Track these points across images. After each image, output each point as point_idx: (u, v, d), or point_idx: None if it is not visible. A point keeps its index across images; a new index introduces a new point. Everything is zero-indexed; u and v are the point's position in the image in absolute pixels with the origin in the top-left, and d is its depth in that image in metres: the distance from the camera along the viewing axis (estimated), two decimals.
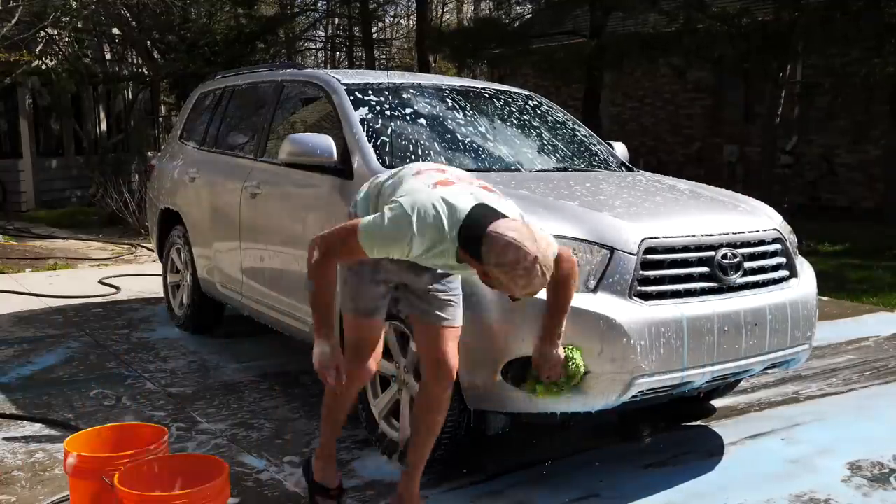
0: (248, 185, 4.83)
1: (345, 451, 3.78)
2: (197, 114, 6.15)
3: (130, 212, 11.19)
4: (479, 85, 5.10)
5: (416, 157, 4.06)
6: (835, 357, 5.45)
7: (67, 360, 5.23)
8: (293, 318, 4.40)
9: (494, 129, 4.61)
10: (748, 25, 11.77)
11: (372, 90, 4.42)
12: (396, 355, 3.61)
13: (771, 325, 3.46)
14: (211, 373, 5.00)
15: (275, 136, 4.87)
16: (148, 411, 4.29)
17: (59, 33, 13.17)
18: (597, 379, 3.11)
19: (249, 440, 3.93)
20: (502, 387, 3.15)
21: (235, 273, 5.03)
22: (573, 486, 3.46)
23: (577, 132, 4.98)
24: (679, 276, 3.32)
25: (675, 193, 4.01)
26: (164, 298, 6.31)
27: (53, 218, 12.98)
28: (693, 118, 16.31)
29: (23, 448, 3.79)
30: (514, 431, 3.57)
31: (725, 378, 3.59)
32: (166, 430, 3.01)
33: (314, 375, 2.94)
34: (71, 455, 2.78)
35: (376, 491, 3.39)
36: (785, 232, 3.77)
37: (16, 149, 14.79)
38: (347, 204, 3.89)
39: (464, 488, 3.42)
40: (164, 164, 6.35)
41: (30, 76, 13.49)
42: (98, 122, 16.27)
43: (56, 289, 7.39)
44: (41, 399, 4.46)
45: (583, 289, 3.15)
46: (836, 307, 6.62)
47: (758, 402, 4.55)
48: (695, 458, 3.78)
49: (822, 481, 3.52)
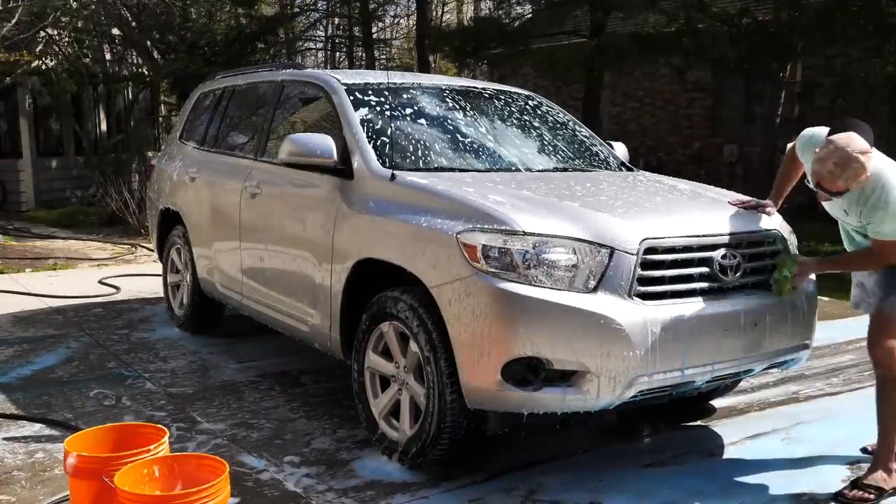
0: (248, 186, 4.83)
1: (345, 451, 3.78)
2: (197, 114, 6.15)
3: (130, 212, 11.19)
4: (480, 85, 5.10)
5: (416, 158, 4.07)
6: (835, 357, 5.45)
7: (67, 360, 5.23)
8: (293, 318, 4.40)
9: (495, 129, 4.62)
10: (748, 25, 11.76)
11: (372, 90, 4.42)
12: (396, 355, 3.61)
13: (771, 325, 3.46)
14: (211, 373, 5.00)
15: (275, 136, 4.87)
16: (148, 411, 4.29)
17: (59, 33, 13.16)
18: (597, 379, 3.11)
19: (249, 440, 3.93)
20: (502, 387, 3.15)
21: (235, 273, 5.03)
22: (573, 485, 3.46)
23: (577, 132, 4.99)
24: (679, 276, 3.32)
25: (675, 194, 4.01)
26: (164, 298, 6.32)
27: (53, 218, 12.98)
28: (693, 118, 16.30)
29: (23, 448, 3.79)
30: (514, 431, 3.57)
31: (725, 378, 3.60)
32: (166, 430, 3.01)
33: (314, 375, 2.94)
34: (71, 455, 2.78)
35: (376, 491, 3.39)
36: (785, 232, 3.77)
37: (16, 149, 14.78)
38: (348, 204, 3.91)
39: (464, 488, 3.42)
40: (163, 165, 6.35)
41: (30, 76, 13.48)
42: (98, 122, 16.26)
43: (56, 289, 7.39)
44: (41, 399, 4.46)
45: (582, 289, 3.15)
46: (836, 307, 6.62)
47: (758, 402, 4.55)
48: (695, 458, 3.78)
49: (822, 481, 3.52)
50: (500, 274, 3.15)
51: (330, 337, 4.05)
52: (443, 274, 3.29)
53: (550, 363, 3.11)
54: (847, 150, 3.17)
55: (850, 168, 3.18)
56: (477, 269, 3.18)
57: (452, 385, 3.28)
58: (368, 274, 3.79)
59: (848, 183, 3.22)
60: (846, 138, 3.22)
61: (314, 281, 4.10)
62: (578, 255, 3.17)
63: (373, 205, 3.79)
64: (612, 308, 3.12)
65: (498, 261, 3.17)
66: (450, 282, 3.25)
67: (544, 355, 3.10)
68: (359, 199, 3.89)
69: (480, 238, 3.21)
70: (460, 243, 3.24)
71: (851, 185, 3.23)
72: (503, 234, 3.20)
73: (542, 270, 3.14)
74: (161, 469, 2.81)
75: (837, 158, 3.18)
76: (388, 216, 3.66)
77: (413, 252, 3.47)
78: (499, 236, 3.19)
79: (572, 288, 3.15)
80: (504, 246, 3.17)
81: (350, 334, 3.89)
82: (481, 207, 3.34)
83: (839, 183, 3.23)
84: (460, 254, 3.23)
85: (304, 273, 4.20)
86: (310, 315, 4.20)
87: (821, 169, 3.24)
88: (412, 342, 3.47)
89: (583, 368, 3.11)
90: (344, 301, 3.90)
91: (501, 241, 3.18)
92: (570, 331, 3.09)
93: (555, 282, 3.14)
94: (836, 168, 3.19)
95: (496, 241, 3.18)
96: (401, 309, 3.49)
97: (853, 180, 3.21)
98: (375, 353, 3.73)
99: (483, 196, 3.47)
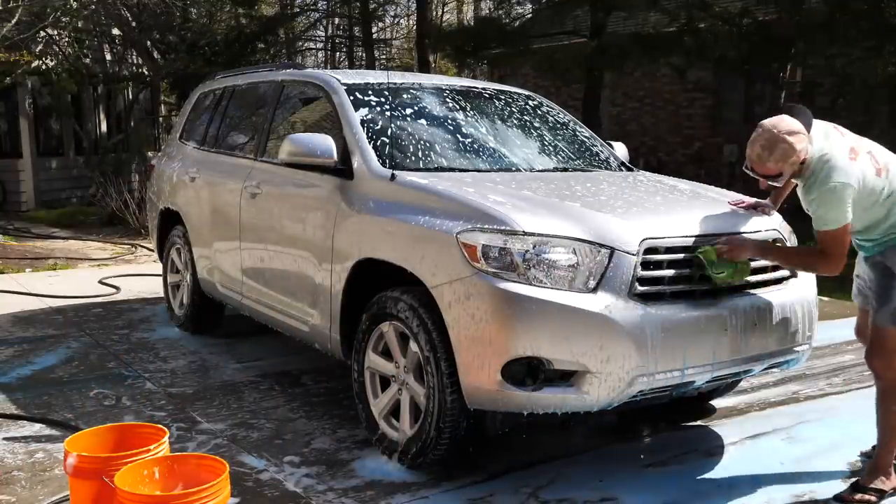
0: (248, 186, 4.83)
1: (345, 451, 3.78)
2: (197, 114, 6.15)
3: (130, 212, 11.19)
4: (480, 85, 5.10)
5: (416, 158, 4.07)
6: (835, 357, 5.45)
7: (67, 360, 5.23)
8: (293, 319, 4.40)
9: (495, 130, 4.62)
10: (749, 25, 11.76)
11: (372, 90, 4.42)
12: (396, 355, 3.61)
13: (771, 325, 3.46)
14: (211, 373, 4.99)
15: (275, 136, 4.87)
16: (148, 411, 4.29)
17: (59, 33, 13.16)
18: (597, 379, 3.11)
19: (249, 440, 3.93)
20: (502, 387, 3.15)
21: (235, 273, 5.02)
22: (573, 485, 3.46)
23: (577, 132, 4.98)
24: (679, 276, 3.32)
25: (675, 194, 4.01)
26: (164, 298, 6.32)
27: (53, 218, 12.98)
28: (693, 118, 16.30)
29: (23, 448, 3.79)
30: (514, 431, 3.57)
31: (725, 378, 3.59)
32: (166, 431, 3.01)
33: (314, 375, 2.94)
34: (71, 455, 2.78)
35: (376, 491, 3.39)
36: (785, 232, 3.77)
37: (16, 149, 14.79)
38: (348, 204, 3.91)
39: (464, 488, 3.42)
40: (163, 165, 6.35)
41: (30, 76, 13.49)
42: (98, 122, 16.26)
43: (56, 289, 7.39)
44: (41, 399, 4.46)
45: (583, 289, 3.15)
46: (836, 307, 6.62)
47: (758, 401, 4.55)
48: (695, 458, 3.78)
49: (822, 482, 3.52)
50: (500, 274, 3.15)
51: (330, 337, 4.05)
52: (443, 274, 3.29)
53: (550, 363, 3.11)
54: (773, 132, 3.17)
55: (777, 149, 3.16)
56: (477, 269, 3.18)
57: (452, 385, 3.28)
58: (368, 274, 3.78)
59: (779, 165, 3.19)
60: (775, 120, 3.22)
61: (314, 281, 4.10)
62: (578, 255, 3.17)
63: (373, 205, 3.79)
64: (613, 308, 3.12)
65: (498, 261, 3.17)
66: (450, 282, 3.25)
67: (544, 355, 3.10)
68: (359, 199, 3.89)
69: (480, 238, 3.21)
70: (460, 243, 3.24)
71: (783, 167, 3.19)
72: (503, 234, 3.19)
73: (542, 270, 3.14)
74: (161, 469, 2.80)
75: (764, 140, 3.19)
76: (389, 216, 3.66)
77: (413, 252, 3.47)
78: (499, 236, 3.19)
79: (572, 288, 3.14)
80: (504, 246, 3.17)
81: (350, 334, 3.89)
82: (481, 207, 3.34)
83: (769, 165, 3.20)
84: (460, 254, 3.23)
85: (305, 273, 4.19)
86: (310, 315, 4.20)
87: (750, 152, 3.24)
88: (412, 342, 3.47)
89: (583, 368, 3.11)
90: (344, 301, 3.90)
91: (501, 241, 3.18)
92: (570, 331, 3.09)
93: (555, 282, 3.14)
94: (762, 150, 3.19)
95: (496, 241, 3.18)
96: (401, 309, 3.49)
97: (783, 162, 3.18)
98: (375, 353, 3.73)
99: (483, 196, 3.46)
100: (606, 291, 3.16)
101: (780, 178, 3.26)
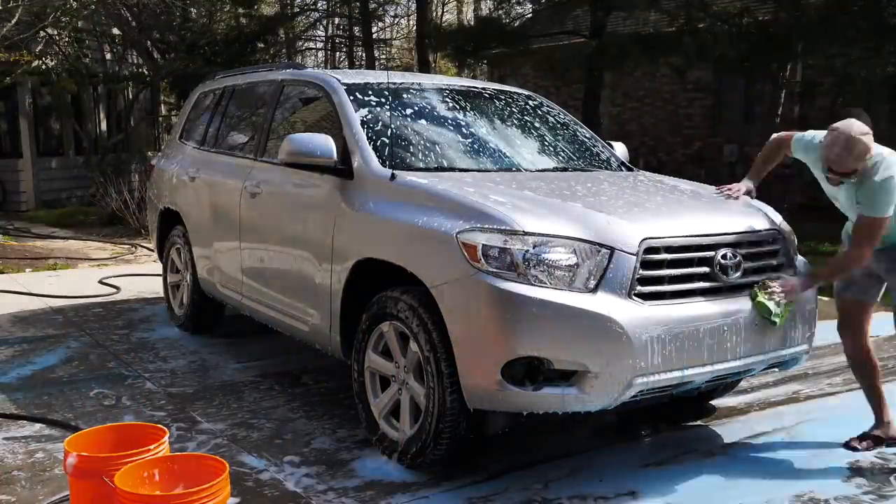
0: (248, 185, 4.83)
1: (345, 451, 3.78)
2: (197, 114, 6.15)
3: (130, 212, 11.19)
4: (480, 85, 5.10)
5: (416, 158, 4.07)
6: (835, 357, 5.44)
7: (67, 360, 5.23)
8: (293, 318, 4.40)
9: (495, 130, 4.62)
10: (749, 25, 11.76)
11: (372, 90, 4.42)
12: (396, 355, 3.61)
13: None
14: (211, 373, 4.99)
15: (275, 136, 4.87)
16: (148, 411, 4.29)
17: (59, 33, 13.16)
18: (597, 378, 3.11)
19: (249, 440, 3.93)
20: (502, 386, 3.15)
21: (235, 273, 5.02)
22: (573, 485, 3.46)
23: (577, 132, 4.98)
24: (679, 275, 3.32)
25: (675, 194, 4.01)
26: (164, 298, 6.31)
27: (53, 218, 12.98)
28: (693, 118, 16.30)
29: (23, 448, 3.79)
30: (514, 431, 3.57)
31: (725, 378, 3.59)
32: (166, 430, 3.01)
33: (314, 375, 2.94)
34: (71, 455, 2.78)
35: (376, 491, 3.39)
36: (785, 232, 3.77)
37: (16, 149, 14.79)
38: (348, 204, 3.91)
39: (464, 488, 3.42)
40: (163, 165, 6.35)
41: (30, 76, 13.48)
42: (98, 122, 16.26)
43: (56, 289, 7.39)
44: (41, 399, 4.46)
45: (583, 289, 3.15)
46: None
47: (758, 401, 4.55)
48: (695, 458, 3.78)
49: (822, 481, 3.52)
50: (500, 274, 3.15)
51: (330, 337, 4.05)
52: (443, 274, 3.29)
53: (550, 363, 3.11)
54: (850, 133, 3.44)
55: (856, 148, 3.44)
56: (477, 269, 3.18)
57: (452, 385, 3.28)
58: (368, 274, 3.78)
59: (857, 163, 3.45)
60: (847, 123, 3.50)
61: (314, 281, 4.10)
62: (578, 255, 3.17)
63: (373, 205, 3.79)
64: (613, 308, 3.12)
65: (498, 260, 3.17)
66: (450, 282, 3.25)
67: (544, 355, 3.10)
68: (359, 198, 3.89)
69: (480, 238, 3.21)
70: (460, 243, 3.24)
71: (860, 164, 3.46)
72: (503, 234, 3.19)
73: (542, 270, 3.14)
74: (161, 469, 2.81)
75: (844, 142, 3.45)
76: (388, 216, 3.66)
77: (413, 252, 3.47)
78: (499, 236, 3.19)
79: (572, 288, 3.15)
80: (504, 246, 3.17)
81: (350, 334, 3.89)
82: (481, 207, 3.34)
83: (849, 164, 3.46)
84: (460, 253, 3.23)
85: (304, 273, 4.19)
86: (310, 315, 4.20)
87: (829, 153, 3.48)
88: (412, 342, 3.47)
89: (583, 368, 3.11)
90: (344, 301, 3.90)
91: (501, 240, 3.18)
92: (570, 331, 3.09)
93: (555, 282, 3.14)
94: (843, 151, 3.44)
95: (496, 241, 3.18)
96: (401, 309, 3.49)
97: (861, 160, 3.46)
98: (375, 353, 3.73)
99: (483, 196, 3.46)
100: (606, 291, 3.16)
101: (854, 174, 3.51)
